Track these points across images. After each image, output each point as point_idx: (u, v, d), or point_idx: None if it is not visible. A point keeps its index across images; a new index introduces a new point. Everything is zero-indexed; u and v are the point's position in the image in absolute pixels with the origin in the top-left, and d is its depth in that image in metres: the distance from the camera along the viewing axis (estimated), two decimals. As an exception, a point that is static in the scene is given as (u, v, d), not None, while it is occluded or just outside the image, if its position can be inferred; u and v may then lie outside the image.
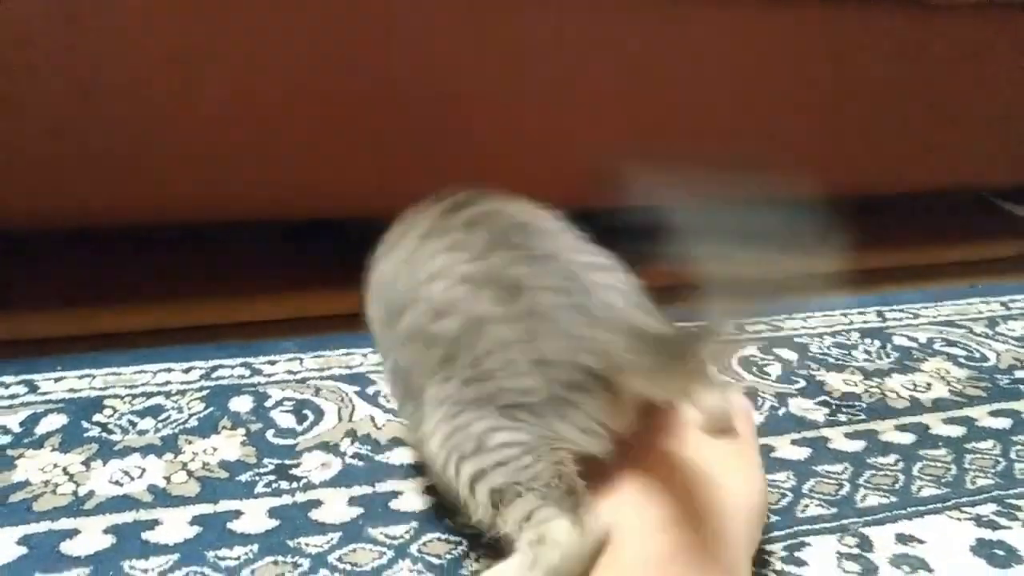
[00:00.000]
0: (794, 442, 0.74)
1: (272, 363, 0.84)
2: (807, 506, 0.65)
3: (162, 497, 0.62)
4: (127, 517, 0.60)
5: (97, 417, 0.73)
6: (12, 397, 0.75)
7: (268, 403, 0.76)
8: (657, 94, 1.02)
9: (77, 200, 0.90)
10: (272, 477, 0.65)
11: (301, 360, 0.85)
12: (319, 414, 0.75)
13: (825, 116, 1.11)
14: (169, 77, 0.84)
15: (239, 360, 0.84)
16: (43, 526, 0.58)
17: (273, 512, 0.61)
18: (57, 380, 0.79)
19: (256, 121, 0.89)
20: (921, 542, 0.61)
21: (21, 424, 0.71)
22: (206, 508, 0.61)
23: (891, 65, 1.10)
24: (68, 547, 0.56)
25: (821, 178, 1.20)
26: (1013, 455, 0.74)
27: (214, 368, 0.82)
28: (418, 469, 0.66)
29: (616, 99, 0.99)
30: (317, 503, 0.62)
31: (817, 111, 1.10)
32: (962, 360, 0.93)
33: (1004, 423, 0.79)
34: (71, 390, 0.77)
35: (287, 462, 0.67)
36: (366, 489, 0.64)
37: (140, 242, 1.12)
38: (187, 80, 0.85)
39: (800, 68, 1.05)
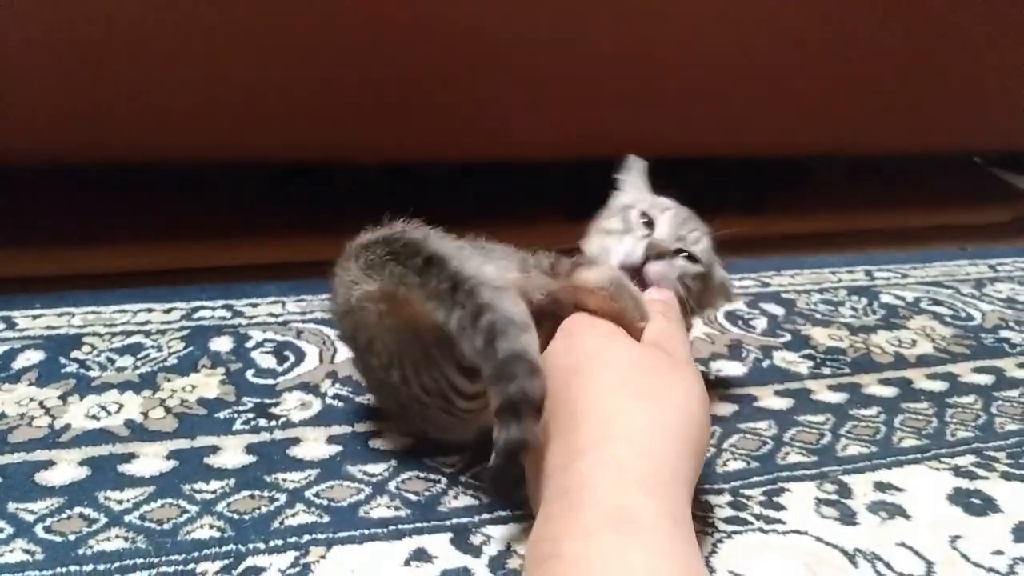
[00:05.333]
0: (777, 393, 0.74)
1: (254, 305, 0.83)
2: (788, 454, 0.65)
3: (139, 432, 0.62)
4: (103, 450, 0.59)
5: (75, 354, 0.72)
6: (-11, 332, 0.75)
7: (249, 344, 0.76)
8: (658, 49, 1.01)
9: (61, 138, 0.89)
10: (251, 415, 0.65)
11: (283, 303, 0.84)
12: (300, 355, 0.74)
13: (820, 75, 1.10)
14: (156, 14, 0.82)
15: (220, 302, 0.83)
16: (17, 457, 0.58)
17: (251, 448, 0.60)
18: (35, 317, 0.78)
19: (243, 61, 0.88)
20: (900, 490, 0.61)
21: (-3, 358, 0.70)
22: (183, 443, 0.60)
23: (887, 25, 1.08)
24: (43, 477, 0.56)
25: (816, 137, 1.20)
26: (994, 410, 0.74)
27: (195, 309, 0.81)
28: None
29: (606, 45, 0.97)
30: (296, 441, 0.62)
31: (811, 68, 1.09)
32: (948, 319, 0.93)
33: (987, 379, 0.80)
34: (49, 327, 0.76)
35: (266, 401, 0.67)
36: (345, 428, 0.64)
37: (124, 184, 1.10)
38: (171, 18, 0.83)
39: (792, 22, 1.03)
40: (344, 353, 0.75)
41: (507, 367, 0.47)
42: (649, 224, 0.65)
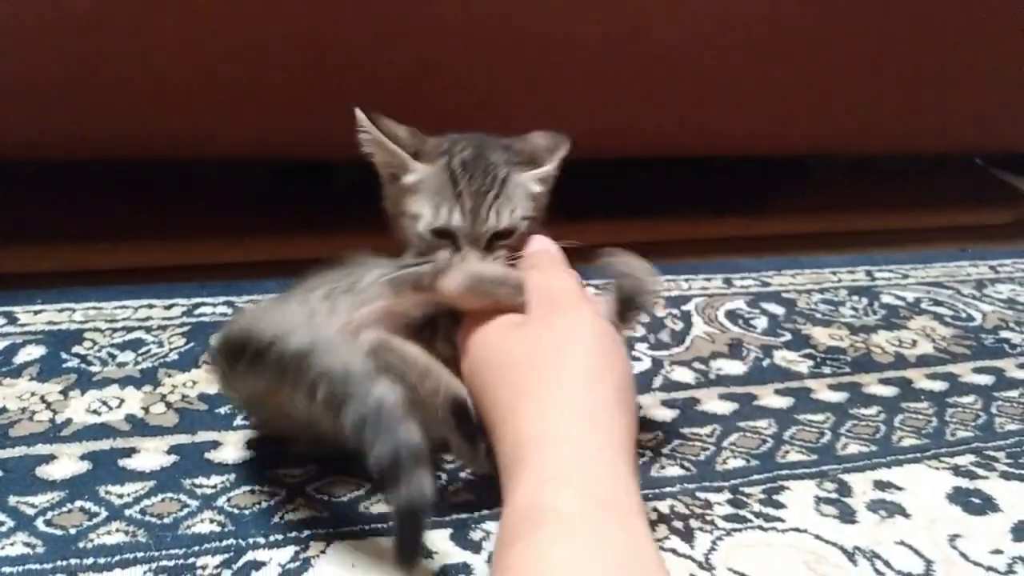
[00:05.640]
0: (777, 392, 0.74)
1: (255, 302, 0.83)
2: (787, 452, 0.65)
3: (140, 426, 0.62)
4: (104, 444, 0.59)
5: (76, 349, 0.72)
6: (-10, 327, 0.75)
7: (250, 340, 0.76)
8: (659, 49, 1.01)
9: (61, 133, 0.89)
10: (252, 411, 0.65)
11: (285, 300, 0.84)
12: (301, 352, 0.74)
13: (820, 75, 1.10)
14: (159, 11, 0.82)
15: (221, 298, 0.83)
16: (19, 451, 0.58)
17: (251, 443, 0.60)
18: (36, 313, 0.78)
19: (245, 59, 0.88)
20: (899, 489, 0.61)
21: (-1, 353, 0.71)
22: (184, 438, 0.61)
23: (887, 25, 1.08)
24: (44, 471, 0.56)
25: (816, 137, 1.19)
26: (994, 410, 0.74)
27: (196, 305, 0.82)
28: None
29: (607, 42, 0.97)
30: (296, 436, 0.62)
31: (811, 66, 1.09)
32: (948, 319, 0.93)
33: (987, 379, 0.80)
34: (50, 323, 0.76)
35: (267, 397, 0.67)
36: (346, 424, 0.64)
37: (126, 181, 1.11)
38: (176, 14, 0.83)
39: (794, 20, 1.03)
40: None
41: (363, 432, 0.44)
42: (445, 234, 0.57)
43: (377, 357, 0.50)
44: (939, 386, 0.78)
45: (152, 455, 0.58)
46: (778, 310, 0.92)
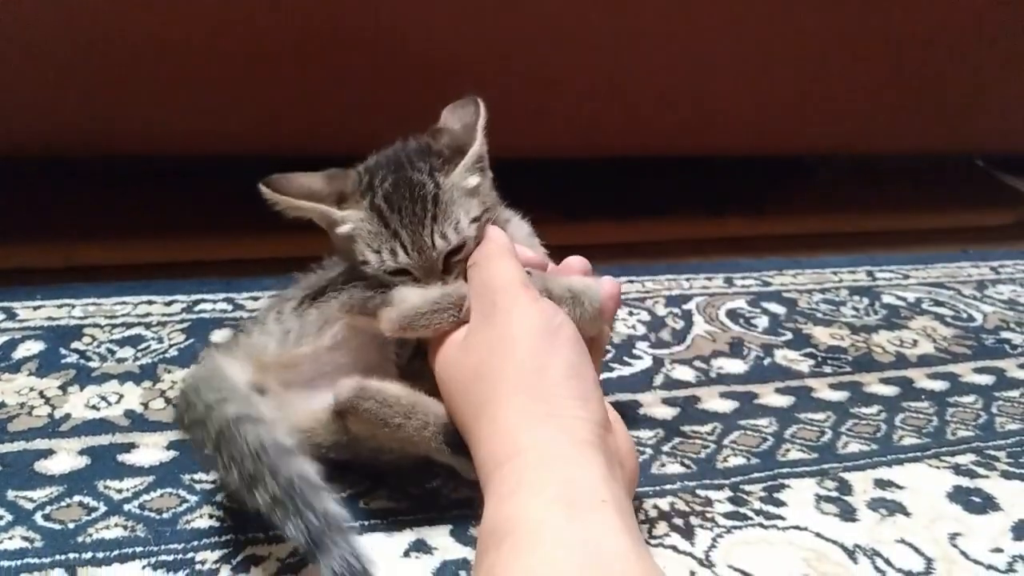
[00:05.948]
0: (778, 390, 0.74)
1: (255, 299, 0.83)
2: (788, 450, 0.65)
3: (139, 422, 0.62)
4: (103, 440, 0.59)
5: (75, 344, 0.72)
6: (-11, 323, 0.75)
7: (250, 337, 0.76)
8: (659, 49, 1.01)
9: (62, 129, 0.89)
10: (251, 407, 0.64)
11: (285, 297, 0.84)
12: (301, 349, 0.74)
13: (820, 75, 1.10)
14: (160, 8, 0.82)
15: (222, 295, 0.83)
16: (17, 445, 0.58)
17: (251, 439, 0.60)
18: (36, 308, 0.78)
19: (245, 55, 0.88)
20: (900, 487, 0.61)
21: (-3, 348, 0.70)
22: (183, 433, 0.60)
23: (888, 25, 1.08)
24: (43, 466, 0.56)
25: (816, 137, 1.18)
26: (995, 409, 0.74)
27: (196, 302, 0.81)
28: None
29: (608, 42, 0.97)
30: (296, 432, 0.61)
31: (811, 67, 1.09)
32: (949, 319, 0.93)
33: (987, 379, 0.80)
34: (49, 318, 0.76)
35: (267, 393, 0.67)
36: (346, 421, 0.63)
37: (126, 178, 1.11)
38: (172, 9, 0.83)
39: (795, 20, 1.03)
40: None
41: (274, 513, 0.44)
42: (399, 272, 0.54)
43: (353, 410, 0.50)
44: (940, 386, 0.78)
45: (151, 450, 0.58)
46: (779, 309, 0.91)
